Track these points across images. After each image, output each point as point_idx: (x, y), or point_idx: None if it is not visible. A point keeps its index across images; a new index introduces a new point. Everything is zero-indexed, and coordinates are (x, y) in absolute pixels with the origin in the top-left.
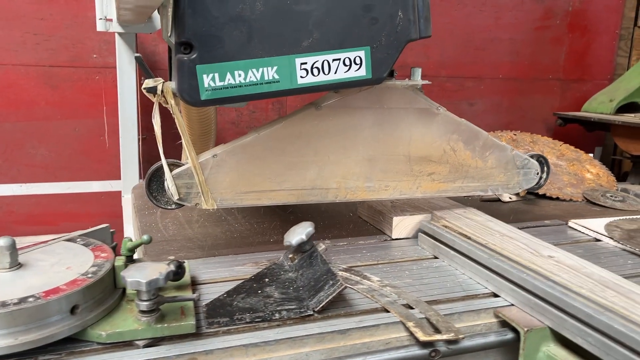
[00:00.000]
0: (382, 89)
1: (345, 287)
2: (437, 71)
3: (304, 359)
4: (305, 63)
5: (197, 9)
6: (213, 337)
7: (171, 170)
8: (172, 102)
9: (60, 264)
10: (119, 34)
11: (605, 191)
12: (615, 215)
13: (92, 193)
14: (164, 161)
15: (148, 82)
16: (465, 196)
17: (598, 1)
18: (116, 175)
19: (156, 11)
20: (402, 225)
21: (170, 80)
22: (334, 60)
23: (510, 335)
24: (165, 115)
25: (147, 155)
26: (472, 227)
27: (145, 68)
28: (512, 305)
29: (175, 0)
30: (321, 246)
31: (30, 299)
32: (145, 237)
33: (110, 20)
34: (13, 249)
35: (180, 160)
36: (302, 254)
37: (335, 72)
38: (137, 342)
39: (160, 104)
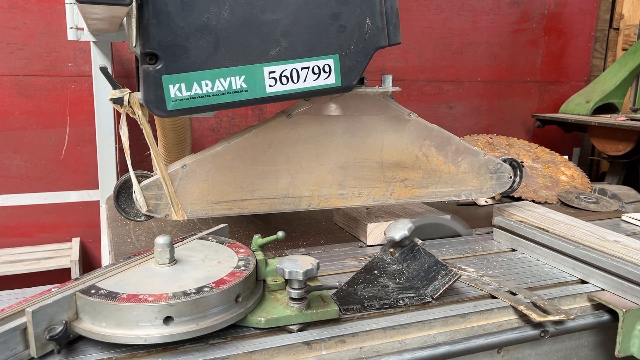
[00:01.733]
0: (353, 96)
1: (460, 276)
2: (416, 75)
3: (432, 340)
4: (274, 72)
5: (162, 19)
6: (351, 322)
7: (139, 182)
8: (140, 112)
9: (209, 259)
10: (94, 42)
11: (579, 193)
12: (588, 217)
13: (70, 203)
14: (131, 173)
15: (114, 93)
16: (441, 200)
17: (573, 4)
18: (94, 185)
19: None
20: (377, 232)
21: (138, 90)
22: (302, 68)
23: (606, 316)
24: (134, 123)
25: (125, 164)
26: (538, 219)
27: (111, 79)
28: (603, 290)
29: (139, 10)
30: (418, 241)
31: (206, 289)
32: (280, 233)
33: (82, 29)
34: (172, 247)
35: (151, 171)
36: (401, 248)
37: (305, 81)
38: (290, 327)
39: (128, 115)
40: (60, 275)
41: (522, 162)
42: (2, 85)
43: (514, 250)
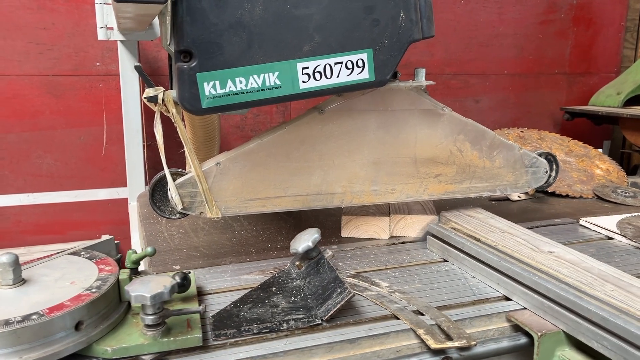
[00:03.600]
0: (386, 91)
1: (354, 295)
2: (442, 69)
3: None
4: (307, 67)
5: (196, 17)
6: (220, 350)
7: (174, 180)
8: (174, 110)
9: (64, 278)
10: (121, 41)
11: (615, 187)
12: (627, 211)
13: (99, 201)
14: (166, 171)
15: (149, 92)
16: (475, 196)
17: None
18: (122, 183)
19: (156, 18)
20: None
21: (171, 88)
22: (336, 63)
23: (523, 339)
24: (169, 122)
25: (153, 162)
26: (474, 225)
27: (146, 77)
28: (525, 308)
29: (173, 9)
30: (328, 252)
31: (34, 317)
32: (149, 249)
33: (111, 28)
34: (16, 265)
35: (184, 169)
36: (309, 260)
37: (338, 76)
38: (143, 357)
39: (161, 113)
40: None
41: (555, 155)
42: (32, 86)
43: (445, 261)
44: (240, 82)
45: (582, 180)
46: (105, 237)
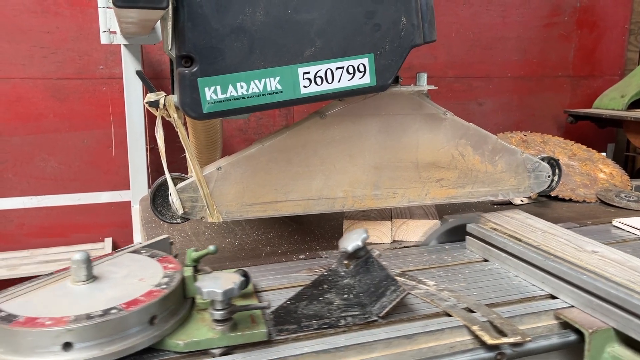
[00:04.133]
0: (388, 95)
1: (408, 293)
2: (445, 72)
3: None
4: (308, 72)
5: (197, 22)
6: (283, 344)
7: (175, 184)
8: (175, 115)
9: (132, 275)
10: (124, 45)
11: (619, 191)
12: (632, 216)
13: (102, 204)
14: (167, 175)
15: (150, 96)
16: (477, 200)
17: None
18: (125, 186)
19: (159, 22)
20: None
21: (173, 93)
22: (337, 68)
23: (572, 336)
24: (170, 127)
25: (155, 165)
26: (514, 226)
27: (147, 82)
28: (572, 306)
29: (174, 14)
30: (375, 252)
31: (113, 311)
32: (211, 247)
33: (115, 32)
34: (89, 263)
35: (186, 173)
36: (357, 260)
37: (339, 81)
38: (212, 351)
39: (163, 117)
40: None
41: (558, 159)
42: (37, 89)
43: (485, 260)
44: (242, 87)
45: (585, 184)
46: (161, 236)
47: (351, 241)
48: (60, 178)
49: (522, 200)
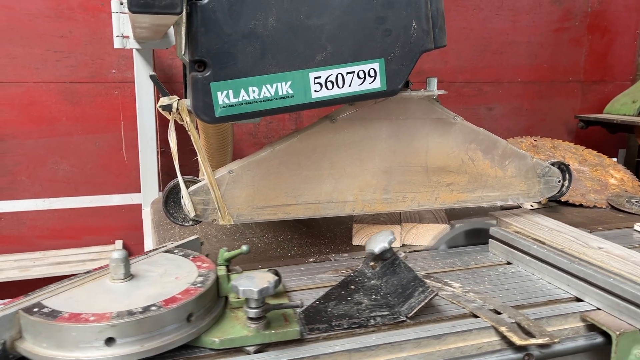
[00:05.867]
0: (398, 100)
1: (437, 294)
2: (455, 76)
3: None
4: (319, 77)
5: (210, 27)
6: (315, 343)
7: (187, 187)
8: (188, 119)
9: (168, 274)
10: (136, 50)
11: (630, 197)
12: None
13: (113, 206)
14: (180, 178)
15: (163, 100)
16: (487, 205)
17: (618, 1)
18: (136, 189)
19: (172, 27)
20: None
21: (186, 97)
22: (348, 73)
23: (599, 338)
24: (182, 130)
25: (166, 168)
26: (536, 229)
27: (161, 86)
28: (598, 309)
29: (188, 19)
30: (401, 254)
31: (153, 308)
32: (244, 247)
33: (127, 37)
34: (127, 262)
35: (197, 176)
36: (383, 261)
37: (350, 85)
38: (247, 348)
39: (176, 121)
40: None
41: (568, 164)
42: (50, 93)
43: (509, 263)
44: (254, 91)
45: (596, 190)
46: (192, 237)
47: (378, 243)
48: (73, 181)
49: (532, 206)
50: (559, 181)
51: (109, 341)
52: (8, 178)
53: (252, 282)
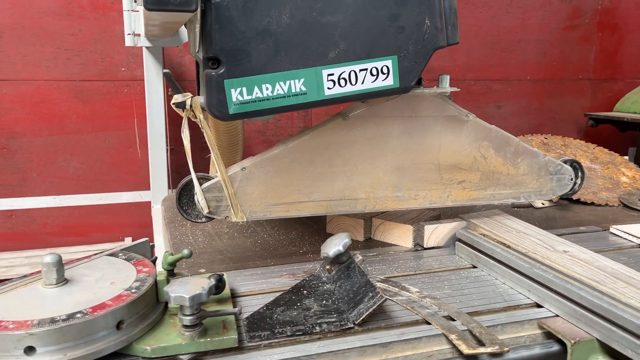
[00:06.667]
0: (410, 97)
1: (386, 300)
2: (464, 74)
3: None
4: (332, 74)
5: (224, 24)
6: (255, 351)
7: (201, 184)
8: (201, 116)
9: (105, 279)
10: (147, 47)
11: None
12: None
13: (123, 204)
14: (193, 175)
15: (177, 97)
16: (499, 203)
17: None
18: (145, 186)
19: (183, 25)
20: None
21: (199, 94)
22: (360, 70)
23: (556, 347)
24: (192, 127)
25: (175, 165)
26: (503, 231)
27: (174, 83)
28: (557, 316)
29: (202, 17)
30: (358, 257)
31: (78, 315)
32: (185, 251)
33: (138, 35)
34: (60, 265)
35: (208, 173)
36: (339, 265)
37: (363, 82)
38: (180, 357)
39: (189, 118)
40: None
41: (580, 163)
42: (60, 90)
43: (474, 267)
44: (267, 88)
45: (608, 188)
46: (141, 239)
47: (333, 246)
48: (82, 178)
49: (543, 203)
50: (571, 179)
51: (29, 350)
52: (19, 175)
53: (185, 288)
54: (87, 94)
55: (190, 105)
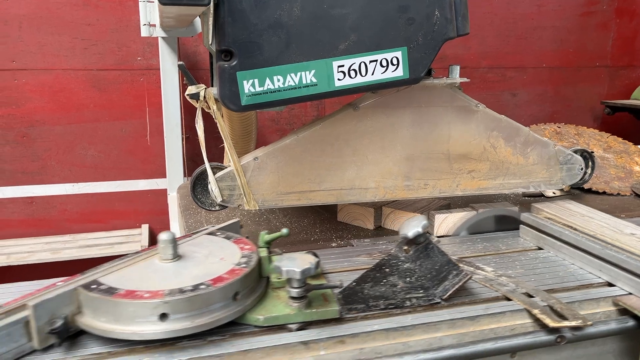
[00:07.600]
0: (420, 88)
1: (471, 277)
2: (478, 62)
3: (437, 343)
4: (343, 66)
5: (237, 17)
6: (353, 322)
7: (214, 173)
8: (215, 107)
9: (213, 255)
10: (162, 38)
11: None
12: None
13: (139, 191)
14: (207, 165)
15: (191, 89)
16: (509, 192)
17: None
18: (162, 174)
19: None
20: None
21: (212, 86)
22: (370, 61)
23: (631, 322)
24: (206, 117)
25: (190, 153)
26: (567, 215)
27: (188, 75)
28: (630, 294)
29: (215, 10)
30: (434, 238)
31: (202, 287)
32: (284, 230)
33: (154, 25)
34: (174, 243)
35: (222, 162)
36: (416, 245)
37: (373, 74)
38: (289, 326)
39: (202, 109)
40: None
41: (592, 152)
42: (78, 80)
43: (540, 249)
44: (278, 80)
45: (620, 177)
46: (232, 220)
47: (411, 227)
48: (100, 166)
49: (554, 193)
50: (582, 169)
51: (163, 316)
52: (39, 163)
53: (294, 263)
54: (104, 83)
55: (204, 97)
